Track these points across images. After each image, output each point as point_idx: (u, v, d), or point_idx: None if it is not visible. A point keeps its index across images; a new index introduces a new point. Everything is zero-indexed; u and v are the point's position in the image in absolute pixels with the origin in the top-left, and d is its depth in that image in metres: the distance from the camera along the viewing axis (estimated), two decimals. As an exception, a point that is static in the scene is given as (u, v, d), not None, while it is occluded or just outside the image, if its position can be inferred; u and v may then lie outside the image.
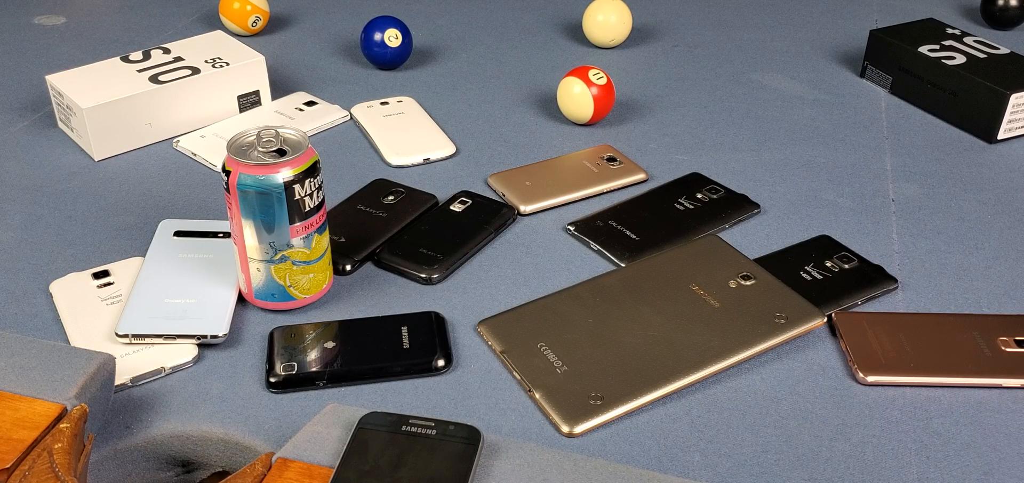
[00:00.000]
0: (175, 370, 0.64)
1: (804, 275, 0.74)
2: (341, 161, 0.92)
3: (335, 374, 0.63)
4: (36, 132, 0.96)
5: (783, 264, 0.75)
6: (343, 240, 0.77)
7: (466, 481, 0.50)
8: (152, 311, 0.68)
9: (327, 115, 0.99)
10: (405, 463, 0.51)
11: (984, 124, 0.96)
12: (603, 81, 0.95)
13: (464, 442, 0.52)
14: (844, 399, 0.63)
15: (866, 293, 0.72)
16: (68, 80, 0.93)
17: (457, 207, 0.82)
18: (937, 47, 1.04)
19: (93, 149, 0.90)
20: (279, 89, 1.05)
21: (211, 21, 1.25)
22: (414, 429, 0.53)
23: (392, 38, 1.08)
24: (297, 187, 0.65)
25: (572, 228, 0.80)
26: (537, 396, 0.62)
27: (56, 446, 0.50)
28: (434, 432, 0.53)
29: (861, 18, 1.29)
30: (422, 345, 0.66)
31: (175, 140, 0.93)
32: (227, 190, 0.65)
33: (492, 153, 0.93)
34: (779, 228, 0.81)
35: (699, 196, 0.85)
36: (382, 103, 1.01)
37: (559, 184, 0.86)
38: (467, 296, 0.73)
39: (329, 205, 0.83)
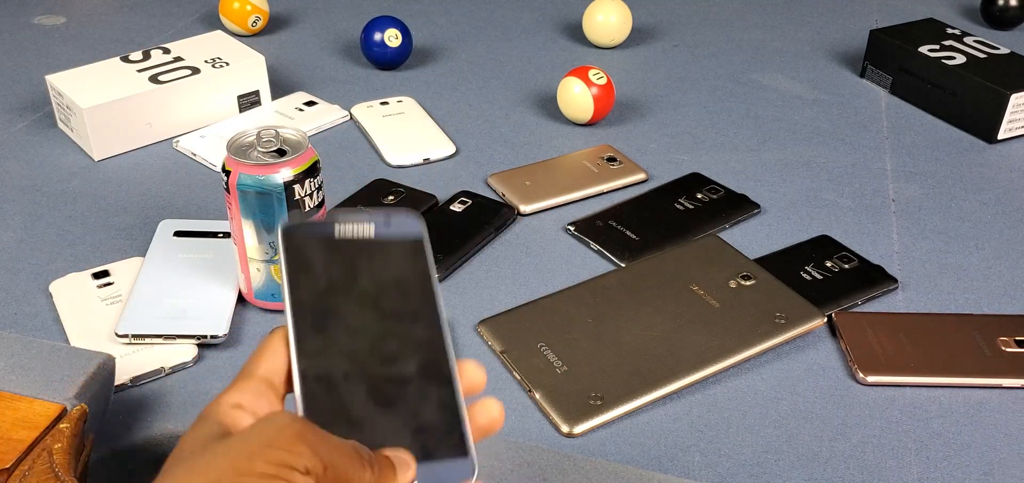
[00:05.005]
0: (175, 370, 0.64)
1: (804, 275, 0.74)
2: (341, 161, 0.92)
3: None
4: (36, 132, 0.96)
5: (783, 264, 0.75)
6: (343, 240, 0.77)
7: (429, 275, 0.43)
8: (152, 311, 0.68)
9: (327, 115, 0.99)
10: (359, 270, 0.42)
11: (984, 124, 0.96)
12: (603, 81, 0.95)
13: (408, 236, 0.45)
14: (844, 399, 0.63)
15: (866, 293, 0.72)
16: (68, 80, 0.93)
17: (457, 207, 0.82)
18: (937, 47, 1.04)
19: (93, 149, 0.90)
20: (279, 89, 1.05)
21: (211, 21, 1.25)
22: (350, 228, 0.44)
23: (392, 38, 1.08)
24: (297, 187, 0.65)
25: (572, 228, 0.80)
26: (537, 396, 0.62)
27: (56, 446, 0.50)
28: (372, 230, 0.44)
29: (861, 18, 1.29)
30: (422, 345, 0.65)
31: (175, 140, 0.93)
32: (227, 190, 0.65)
33: (492, 153, 0.93)
34: (779, 228, 0.81)
35: (699, 196, 0.85)
36: (382, 103, 1.01)
37: (559, 184, 0.86)
38: (467, 296, 0.73)
39: (329, 205, 0.83)
